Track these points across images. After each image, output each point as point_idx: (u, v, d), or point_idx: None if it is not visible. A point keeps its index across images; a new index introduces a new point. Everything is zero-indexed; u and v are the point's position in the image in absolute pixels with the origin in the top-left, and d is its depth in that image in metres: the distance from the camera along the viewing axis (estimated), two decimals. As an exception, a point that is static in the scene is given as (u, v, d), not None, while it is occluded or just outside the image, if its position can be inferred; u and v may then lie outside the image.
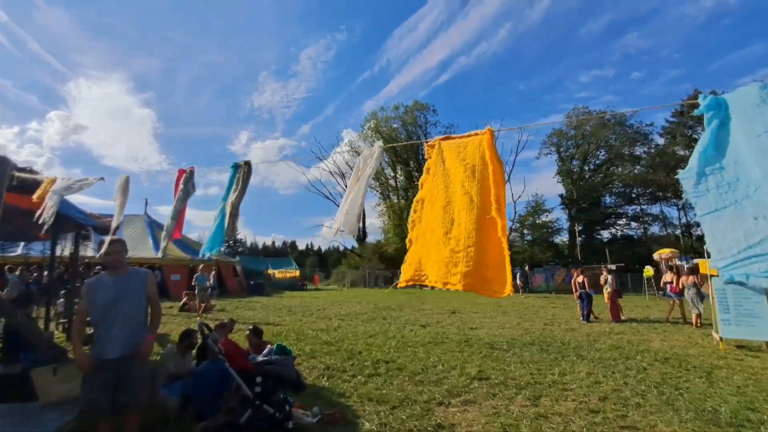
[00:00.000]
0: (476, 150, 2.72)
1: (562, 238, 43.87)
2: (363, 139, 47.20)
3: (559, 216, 45.90)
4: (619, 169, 42.73)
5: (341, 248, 60.27)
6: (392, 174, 48.20)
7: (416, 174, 44.90)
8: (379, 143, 3.20)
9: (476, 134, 2.81)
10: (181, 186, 4.18)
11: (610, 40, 79.18)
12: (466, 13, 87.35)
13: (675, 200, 43.34)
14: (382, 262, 38.23)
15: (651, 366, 6.07)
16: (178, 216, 4.25)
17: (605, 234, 44.85)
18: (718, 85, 66.77)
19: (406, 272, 2.75)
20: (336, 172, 47.68)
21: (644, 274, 23.04)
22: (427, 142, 3.02)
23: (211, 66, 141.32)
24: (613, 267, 18.64)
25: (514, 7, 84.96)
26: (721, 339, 7.55)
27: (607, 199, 44.51)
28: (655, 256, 24.85)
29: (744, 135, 1.70)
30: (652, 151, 42.07)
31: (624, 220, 44.83)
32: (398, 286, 3.04)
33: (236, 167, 3.76)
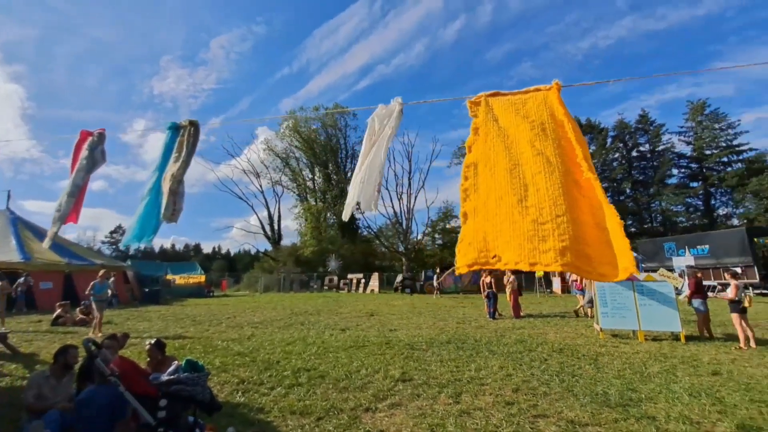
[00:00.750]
0: (541, 106, 2.33)
1: (469, 242, 47.38)
2: (280, 139, 45.41)
3: (466, 221, 49.24)
4: (517, 180, 47.68)
5: (253, 251, 57.02)
6: (310, 176, 47.14)
7: (335, 177, 44.62)
8: (398, 99, 2.65)
9: (537, 89, 2.44)
10: (84, 152, 3.26)
11: (510, 66, 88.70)
12: (386, 23, 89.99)
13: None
14: (298, 265, 37.05)
15: (550, 356, 6.75)
16: (79, 192, 3.32)
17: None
18: (590, 114, 78.79)
19: (466, 254, 2.13)
20: (250, 171, 45.05)
21: (536, 274, 25.96)
22: (469, 98, 2.52)
23: (101, 42, 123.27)
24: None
25: (430, 25, 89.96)
26: (601, 329, 8.76)
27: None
28: (546, 258, 28.24)
29: None
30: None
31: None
32: (457, 273, 2.26)
33: (176, 129, 3.01)
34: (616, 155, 49.30)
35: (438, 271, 28.64)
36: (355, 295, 26.82)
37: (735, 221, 38.79)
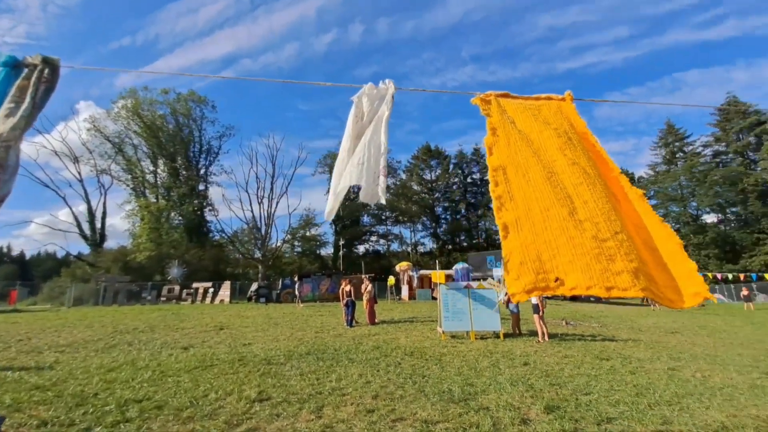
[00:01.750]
0: (558, 115, 2.14)
1: (328, 251, 48.02)
2: (113, 120, 37.69)
3: (326, 230, 49.95)
4: (375, 194, 50.96)
5: (61, 254, 45.37)
6: (151, 168, 40.42)
7: (184, 173, 39.43)
8: (391, 82, 2.24)
9: (549, 98, 2.26)
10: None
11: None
12: (255, 17, 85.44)
13: (410, 223, 55.13)
14: (126, 272, 30.95)
15: (403, 360, 7.26)
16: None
17: (361, 248, 52.08)
18: (439, 141, 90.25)
19: (520, 276, 1.68)
20: (65, 154, 35.95)
21: (388, 283, 27.96)
22: (478, 95, 2.20)
23: None
24: (369, 276, 21.81)
25: (303, 30, 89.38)
26: (443, 332, 9.92)
27: (365, 219, 52.05)
28: (397, 267, 30.67)
29: None
30: (398, 183, 52.41)
31: (375, 237, 53.53)
32: (515, 301, 1.77)
33: (17, 66, 1.89)
34: (456, 180, 57.55)
35: (296, 279, 28.01)
36: (201, 306, 23.92)
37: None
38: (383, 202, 1.94)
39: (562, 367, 6.70)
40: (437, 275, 13.89)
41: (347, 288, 13.01)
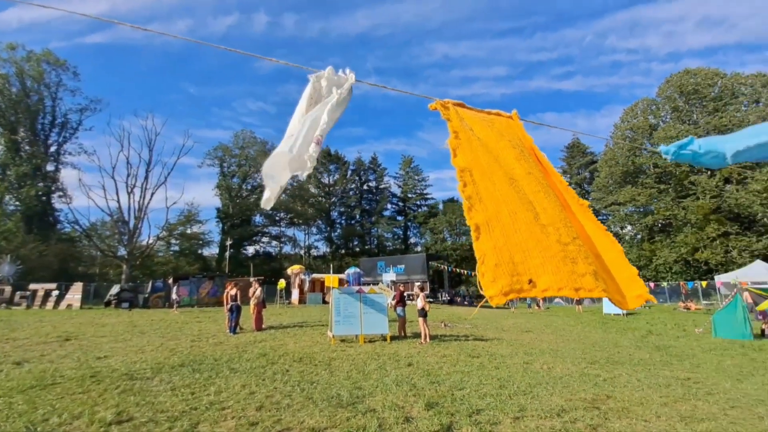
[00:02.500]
0: (510, 130, 2.16)
1: (212, 251, 44.01)
2: None
3: (212, 228, 45.83)
4: (270, 193, 48.62)
5: None
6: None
7: (28, 149, 32.04)
8: (352, 74, 2.07)
9: (498, 114, 2.27)
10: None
11: (277, 83, 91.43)
12: (139, -22, 74.49)
13: (304, 226, 54.05)
14: None
15: (291, 367, 7.04)
16: None
17: (251, 249, 49.08)
18: (339, 147, 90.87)
19: (496, 278, 1.61)
20: None
21: (278, 286, 26.85)
22: (437, 100, 2.11)
23: None
24: (258, 279, 20.62)
25: (197, 8, 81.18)
26: (333, 336, 9.92)
27: (257, 219, 49.27)
28: (289, 270, 29.72)
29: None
30: (295, 184, 51.01)
31: (267, 238, 51.06)
32: (494, 304, 1.60)
33: None
34: (353, 186, 58.58)
35: (170, 281, 24.95)
36: (40, 312, 19.50)
37: (419, 248, 53.03)
38: (309, 170, 1.83)
39: (441, 365, 7.30)
40: (330, 279, 13.89)
41: (232, 291, 12.08)
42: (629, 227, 42.11)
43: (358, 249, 54.22)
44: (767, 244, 30.68)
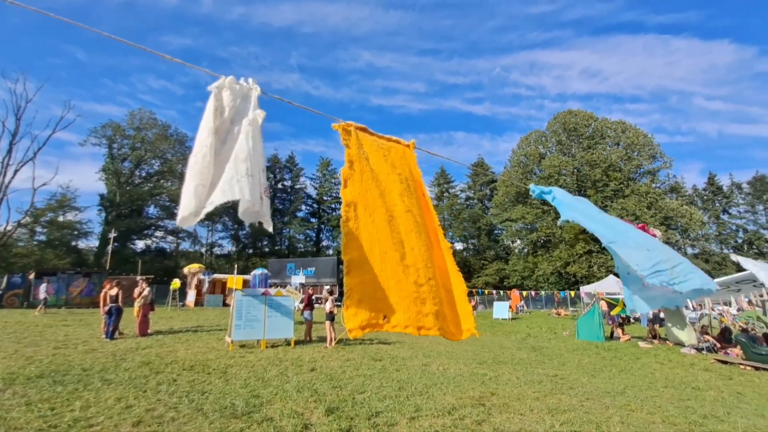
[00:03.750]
0: (403, 160, 2.21)
1: (90, 244, 38.03)
2: None
3: (91, 217, 39.67)
4: (169, 183, 43.87)
5: None
6: None
7: None
8: (256, 85, 1.91)
9: (398, 141, 2.32)
10: None
11: (186, 59, 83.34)
12: None
13: (208, 222, 49.96)
14: None
15: (180, 376, 6.41)
16: None
17: (140, 244, 43.60)
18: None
19: (360, 313, 1.74)
20: None
21: (171, 287, 24.28)
22: (339, 122, 2.06)
23: None
24: (145, 278, 18.37)
25: (94, -41, 70.28)
26: (232, 341, 9.30)
27: (151, 210, 44.04)
28: (186, 270, 27.10)
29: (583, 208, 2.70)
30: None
31: (162, 232, 45.86)
32: (352, 336, 1.81)
33: None
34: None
35: (31, 276, 20.94)
36: None
37: (331, 251, 52.76)
38: (270, 228, 1.76)
39: (344, 369, 7.33)
40: (233, 280, 12.97)
41: (113, 291, 10.58)
42: (519, 241, 47.46)
43: (267, 249, 51.76)
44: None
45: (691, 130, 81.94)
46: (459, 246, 56.06)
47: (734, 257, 6.40)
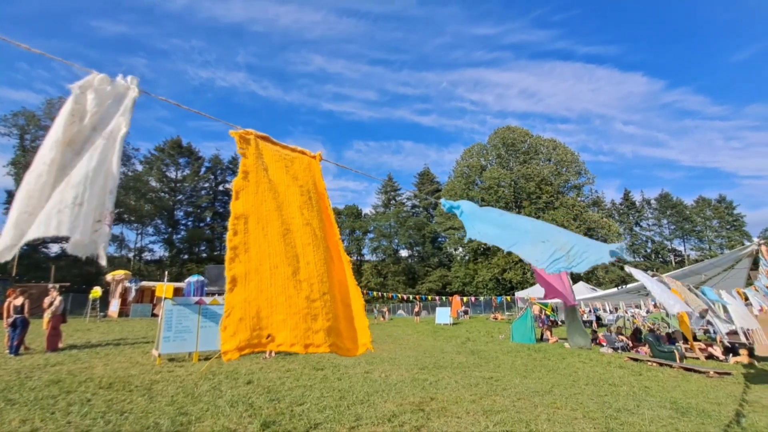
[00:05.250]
0: (307, 172, 2.21)
1: (-11, 246, 33.24)
2: None
3: (-7, 216, 34.79)
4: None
5: None
6: None
7: None
8: (134, 82, 1.60)
9: (303, 152, 2.29)
10: None
11: (121, 51, 76.98)
12: None
13: (137, 224, 46.04)
14: None
15: (95, 395, 5.79)
16: None
17: (55, 247, 38.93)
18: (193, 139, 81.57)
19: (236, 333, 1.64)
20: None
21: (90, 296, 21.94)
22: (237, 129, 1.98)
23: None
24: (57, 286, 16.40)
25: (8, -73, 62.59)
26: (159, 355, 8.59)
27: (69, 209, 39.62)
28: (109, 276, 24.66)
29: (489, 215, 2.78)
30: (130, 173, 43.14)
31: (81, 235, 41.37)
32: (225, 359, 1.58)
33: None
34: (206, 185, 53.05)
35: None
36: None
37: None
38: (103, 262, 1.39)
39: (284, 381, 7.09)
40: (163, 288, 11.98)
41: (17, 301, 9.33)
42: (461, 249, 49.37)
43: (205, 255, 48.74)
44: (549, 269, 40.26)
45: (611, 150, 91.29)
46: (404, 253, 57.01)
47: (628, 269, 7.15)
